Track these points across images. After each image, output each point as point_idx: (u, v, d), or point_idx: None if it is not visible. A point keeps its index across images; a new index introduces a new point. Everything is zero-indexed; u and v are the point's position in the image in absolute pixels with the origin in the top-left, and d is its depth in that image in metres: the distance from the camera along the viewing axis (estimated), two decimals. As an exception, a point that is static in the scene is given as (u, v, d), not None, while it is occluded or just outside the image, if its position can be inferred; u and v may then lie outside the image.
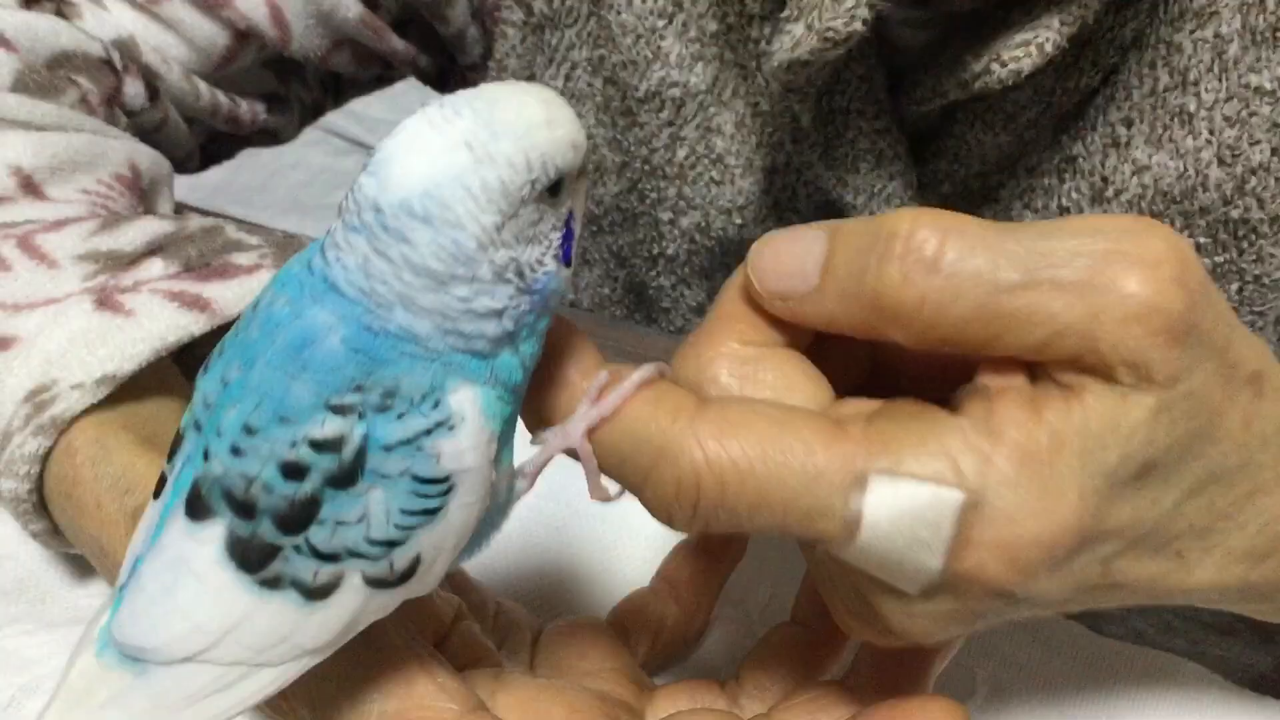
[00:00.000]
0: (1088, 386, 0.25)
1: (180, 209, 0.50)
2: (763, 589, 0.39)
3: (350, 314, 0.25)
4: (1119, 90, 0.46)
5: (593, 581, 0.40)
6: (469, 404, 0.25)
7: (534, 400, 0.28)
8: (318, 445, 0.25)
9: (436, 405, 0.25)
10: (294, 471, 0.25)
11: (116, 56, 0.48)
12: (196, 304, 0.38)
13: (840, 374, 0.29)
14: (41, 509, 0.38)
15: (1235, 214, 0.45)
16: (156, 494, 0.28)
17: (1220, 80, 0.44)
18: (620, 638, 0.36)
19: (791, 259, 0.27)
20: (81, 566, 0.41)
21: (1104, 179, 0.47)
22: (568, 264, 0.26)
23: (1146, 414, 0.25)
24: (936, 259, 0.25)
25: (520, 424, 0.28)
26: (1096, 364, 0.25)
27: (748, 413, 0.26)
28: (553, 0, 0.53)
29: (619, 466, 0.27)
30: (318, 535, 0.25)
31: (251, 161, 0.61)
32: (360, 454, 0.25)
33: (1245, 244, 0.46)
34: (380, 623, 0.28)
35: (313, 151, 0.64)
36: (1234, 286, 0.47)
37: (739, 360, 0.28)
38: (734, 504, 0.25)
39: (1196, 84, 0.44)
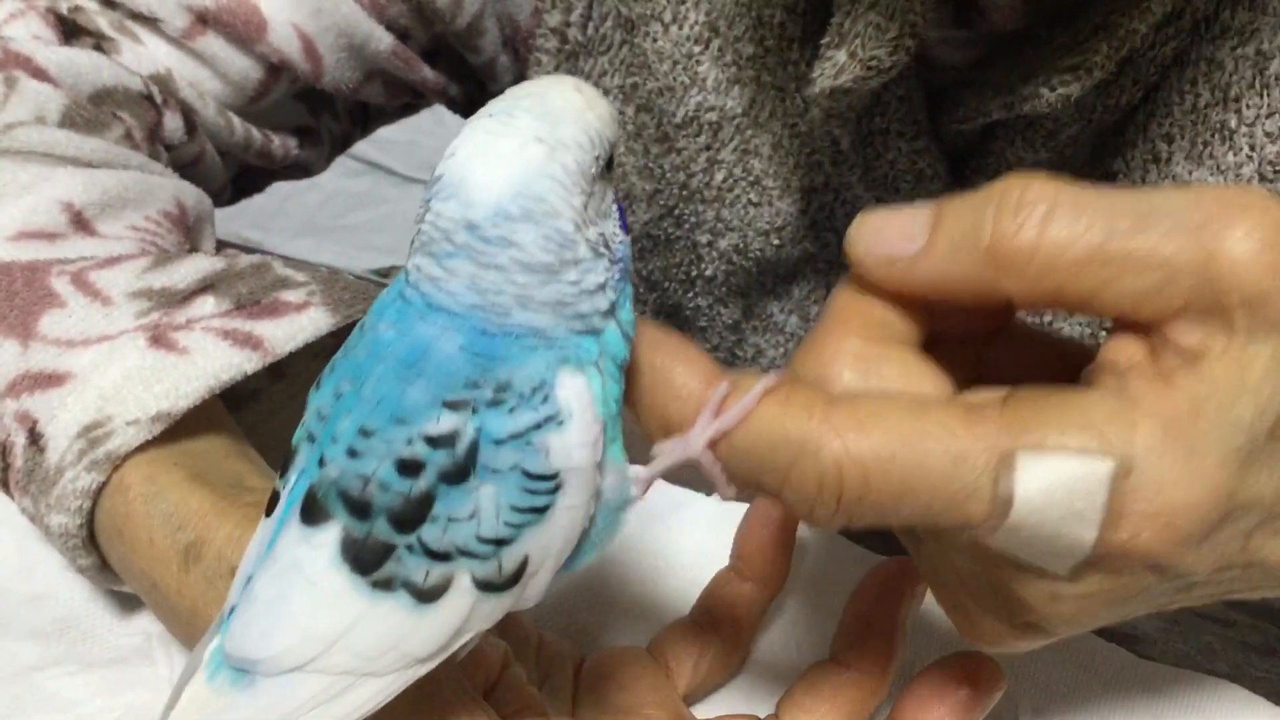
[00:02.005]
0: (1209, 347, 0.26)
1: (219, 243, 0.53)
2: (803, 618, 0.41)
3: (464, 325, 0.27)
4: (1159, 107, 0.47)
5: (633, 611, 0.42)
6: (578, 397, 0.27)
7: (654, 410, 0.30)
8: (433, 441, 0.27)
9: (546, 399, 0.27)
10: (410, 468, 0.27)
11: (155, 91, 0.50)
12: (249, 342, 0.40)
13: (950, 377, 0.30)
14: (91, 544, 0.40)
15: None
16: (269, 511, 0.30)
17: (1261, 96, 0.45)
18: (661, 669, 0.38)
19: (897, 224, 0.29)
20: (122, 604, 0.43)
21: None
22: (627, 231, 0.29)
23: (1269, 362, 0.26)
24: (1052, 209, 0.27)
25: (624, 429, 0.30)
26: (1213, 306, 0.26)
27: (882, 404, 0.28)
28: (587, 28, 0.55)
29: (755, 470, 0.28)
30: (430, 533, 0.27)
31: (267, 183, 0.64)
32: (473, 449, 0.27)
33: None
34: (432, 674, 0.30)
35: (327, 173, 0.66)
36: None
37: (859, 358, 0.29)
38: (878, 495, 0.27)
39: (1237, 100, 0.46)
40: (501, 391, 0.27)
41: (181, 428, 0.39)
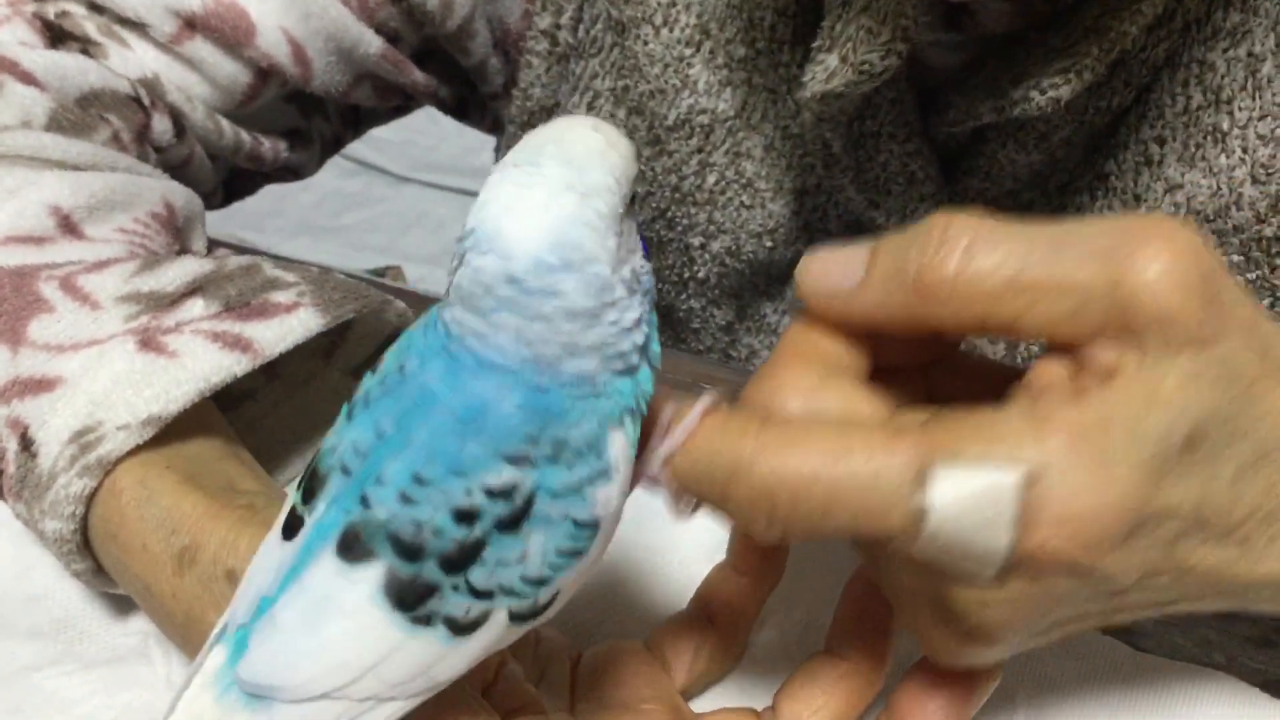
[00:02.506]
0: (1123, 365, 0.28)
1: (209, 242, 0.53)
2: (799, 612, 0.41)
3: (518, 381, 0.28)
4: (1152, 109, 0.48)
5: (630, 606, 0.42)
6: (621, 450, 0.29)
7: None
8: (492, 493, 0.28)
9: (600, 456, 0.29)
10: (466, 517, 0.28)
11: (143, 93, 0.50)
12: (238, 344, 0.40)
13: (900, 405, 0.32)
14: (85, 549, 0.40)
15: (1269, 232, 0.47)
16: (288, 533, 0.30)
17: (1253, 98, 0.46)
18: (658, 664, 0.38)
19: (837, 261, 0.31)
20: (119, 605, 0.43)
21: (1136, 197, 0.49)
22: (649, 257, 0.30)
23: (1181, 377, 0.28)
24: (972, 242, 0.29)
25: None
26: (1125, 328, 0.28)
27: (809, 427, 0.30)
28: (577, 30, 0.55)
29: (698, 487, 0.31)
30: (477, 575, 0.28)
31: (260, 183, 0.65)
32: (530, 499, 0.28)
33: (1278, 261, 0.48)
34: None
35: (321, 173, 0.67)
36: (1266, 302, 0.49)
37: (804, 389, 0.32)
38: (807, 509, 0.29)
39: (1229, 102, 0.46)
40: (560, 449, 0.28)
41: (173, 431, 0.39)
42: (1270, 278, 0.48)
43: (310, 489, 0.30)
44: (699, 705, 0.38)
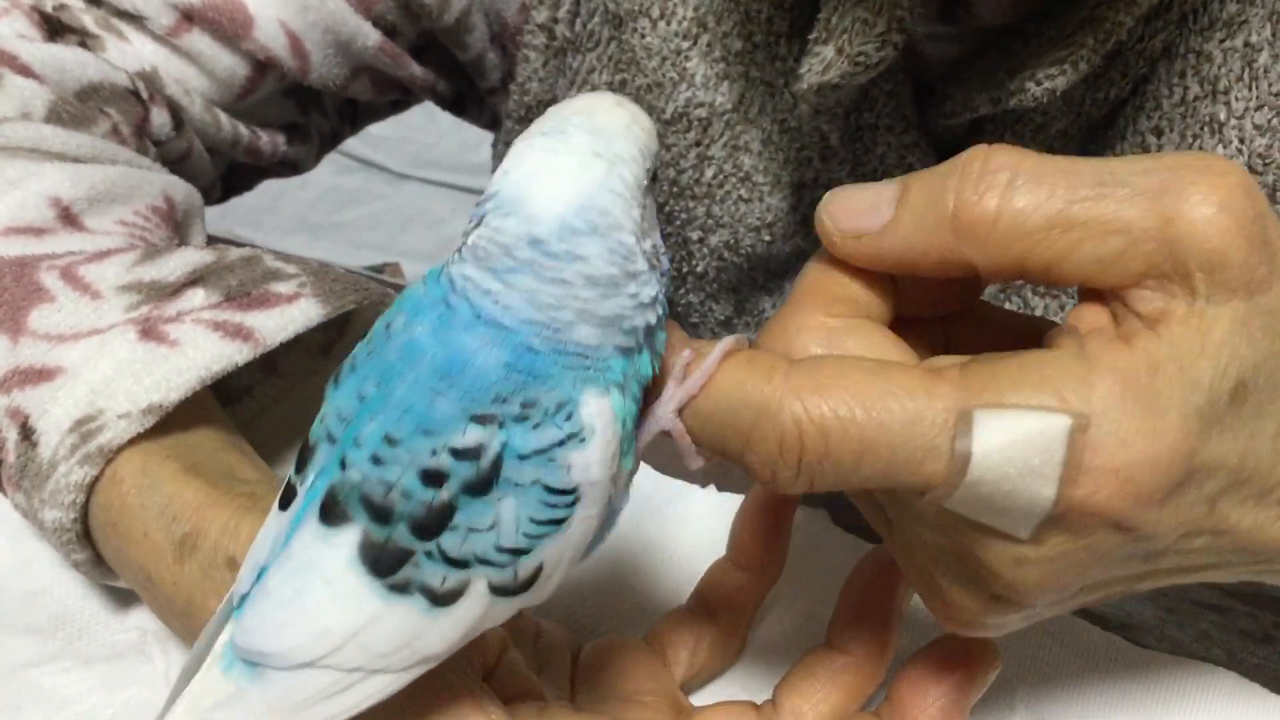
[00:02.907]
0: (1170, 311, 0.27)
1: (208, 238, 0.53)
2: (800, 605, 0.41)
3: (512, 340, 0.27)
4: (1148, 100, 0.48)
5: (631, 601, 0.42)
6: (600, 415, 0.28)
7: None
8: (458, 453, 0.27)
9: (569, 417, 0.27)
10: (433, 478, 0.27)
11: (142, 87, 0.50)
12: (239, 333, 0.40)
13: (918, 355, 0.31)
14: (85, 538, 0.40)
15: None
16: (284, 505, 0.30)
17: (1250, 89, 0.46)
18: (658, 658, 0.38)
19: (864, 198, 0.30)
20: (118, 599, 0.43)
21: None
22: (665, 241, 0.30)
23: (1230, 325, 0.26)
24: (1013, 176, 0.27)
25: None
26: (1174, 270, 0.27)
27: (843, 365, 0.28)
28: (574, 24, 0.55)
29: (718, 436, 0.29)
30: (449, 541, 0.28)
31: (258, 181, 0.65)
32: (497, 462, 0.27)
33: None
34: None
35: (319, 170, 0.67)
36: None
37: (825, 331, 0.30)
38: (839, 455, 0.27)
39: (1226, 93, 0.46)
40: (528, 408, 0.27)
41: (174, 420, 0.39)
42: None
43: (301, 459, 0.30)
44: (699, 699, 0.38)
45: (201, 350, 0.39)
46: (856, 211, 0.30)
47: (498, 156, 0.63)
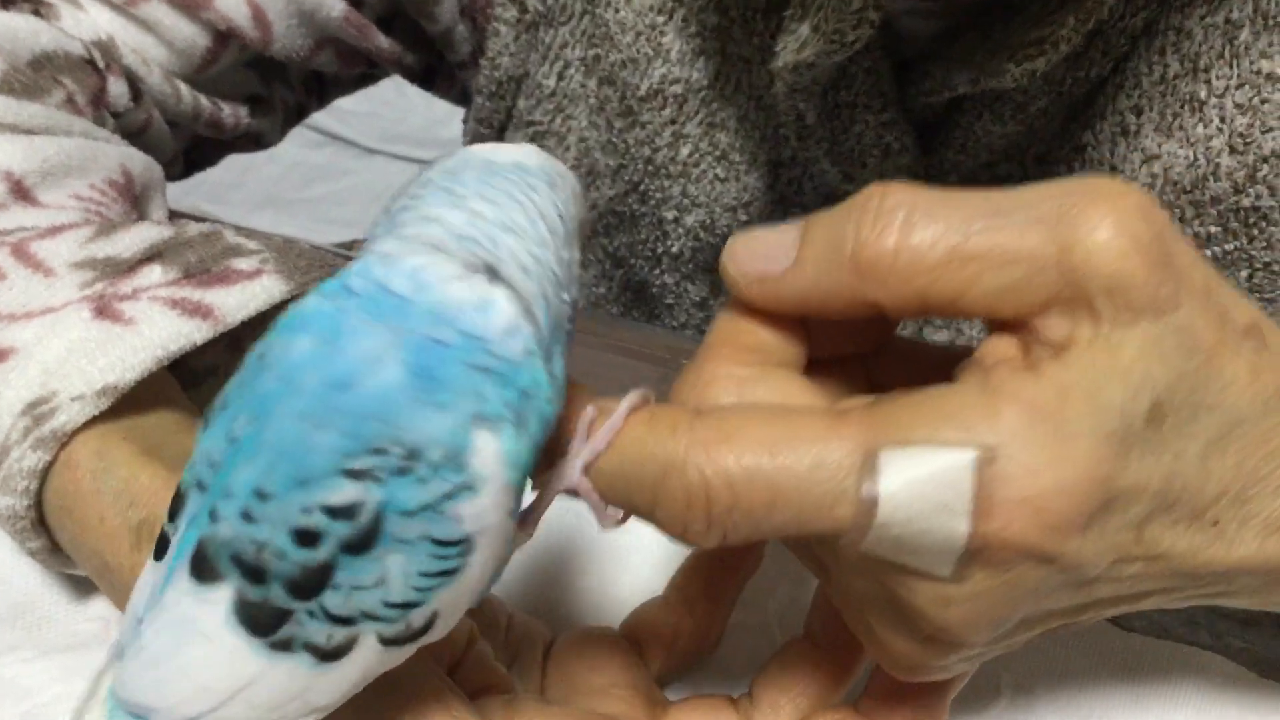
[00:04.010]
0: (1076, 337, 0.26)
1: (170, 214, 0.51)
2: (780, 594, 0.41)
3: (413, 326, 0.25)
4: (1129, 78, 0.47)
5: (606, 590, 0.41)
6: (492, 461, 0.26)
7: None
8: (333, 511, 0.25)
9: (460, 469, 0.25)
10: (307, 538, 0.25)
11: (98, 56, 0.48)
12: (198, 311, 0.38)
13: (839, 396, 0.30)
14: (40, 526, 0.38)
15: (1246, 202, 0.46)
16: (159, 555, 0.28)
17: (1231, 66, 0.45)
18: (633, 650, 0.37)
19: (767, 243, 0.29)
20: (79, 588, 0.41)
21: (1114, 168, 0.48)
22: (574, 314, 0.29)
23: (1139, 347, 0.26)
24: (910, 212, 0.26)
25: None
26: (1076, 296, 0.26)
27: (746, 415, 0.27)
28: None
29: (626, 493, 0.28)
30: (332, 600, 0.26)
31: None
32: (377, 520, 0.25)
33: (1256, 231, 0.47)
34: None
35: (286, 145, 0.65)
36: (1244, 274, 0.48)
37: (735, 382, 0.29)
38: (747, 506, 0.26)
39: (1207, 71, 0.45)
40: (411, 459, 0.25)
41: (130, 402, 0.38)
42: (1248, 248, 0.47)
43: (173, 507, 0.28)
44: (675, 691, 0.37)
45: (158, 329, 0.38)
46: (759, 255, 0.29)
47: (469, 133, 0.61)
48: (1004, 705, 0.38)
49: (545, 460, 0.28)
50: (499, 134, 0.60)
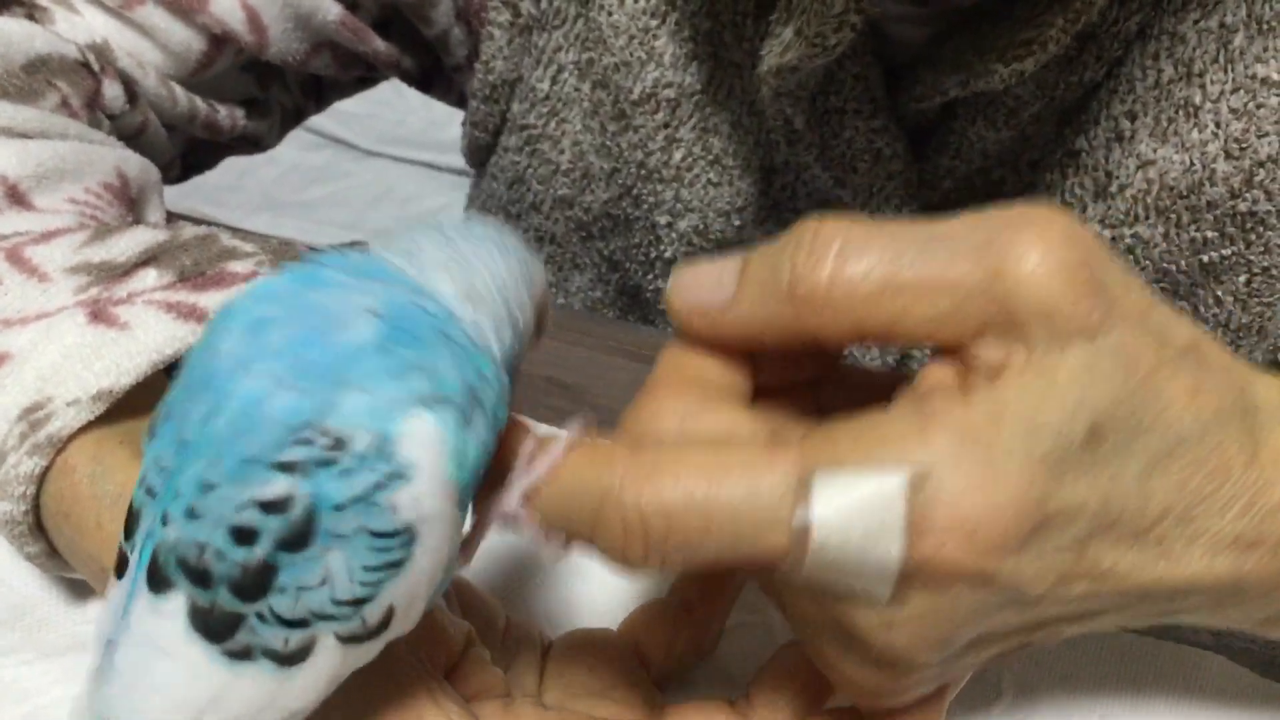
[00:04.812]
0: (1010, 363, 0.26)
1: (168, 217, 0.50)
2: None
3: (389, 293, 0.26)
4: (1122, 83, 0.47)
5: (603, 593, 0.40)
6: (425, 447, 0.25)
7: None
8: (266, 506, 0.24)
9: (387, 457, 0.25)
10: (244, 536, 0.25)
11: (92, 59, 0.48)
12: (194, 314, 0.38)
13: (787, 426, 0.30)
14: (38, 530, 0.38)
15: (1243, 207, 0.46)
16: (120, 573, 0.28)
17: (1226, 71, 0.44)
18: (631, 652, 0.36)
19: (709, 274, 0.29)
20: (79, 590, 0.41)
21: (1108, 174, 0.48)
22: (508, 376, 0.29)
23: (1075, 369, 0.26)
24: (844, 244, 0.27)
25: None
26: (1008, 323, 0.26)
27: (682, 449, 0.27)
28: (540, 1, 0.53)
29: (566, 523, 0.28)
30: (280, 603, 0.25)
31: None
32: (310, 515, 0.25)
33: (1253, 236, 0.47)
34: (392, 654, 0.29)
35: (285, 147, 0.64)
36: (1241, 278, 0.48)
37: (680, 414, 0.29)
38: (683, 535, 0.26)
39: (1201, 75, 0.45)
40: (336, 450, 0.25)
41: (126, 406, 0.37)
42: (1245, 254, 0.47)
43: (128, 523, 0.27)
44: (672, 694, 0.37)
45: (153, 333, 0.37)
46: (701, 288, 0.29)
47: (468, 137, 0.60)
48: (1005, 705, 0.37)
49: (485, 489, 0.29)
50: (494, 137, 0.59)
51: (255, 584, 0.25)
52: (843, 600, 0.27)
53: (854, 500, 0.25)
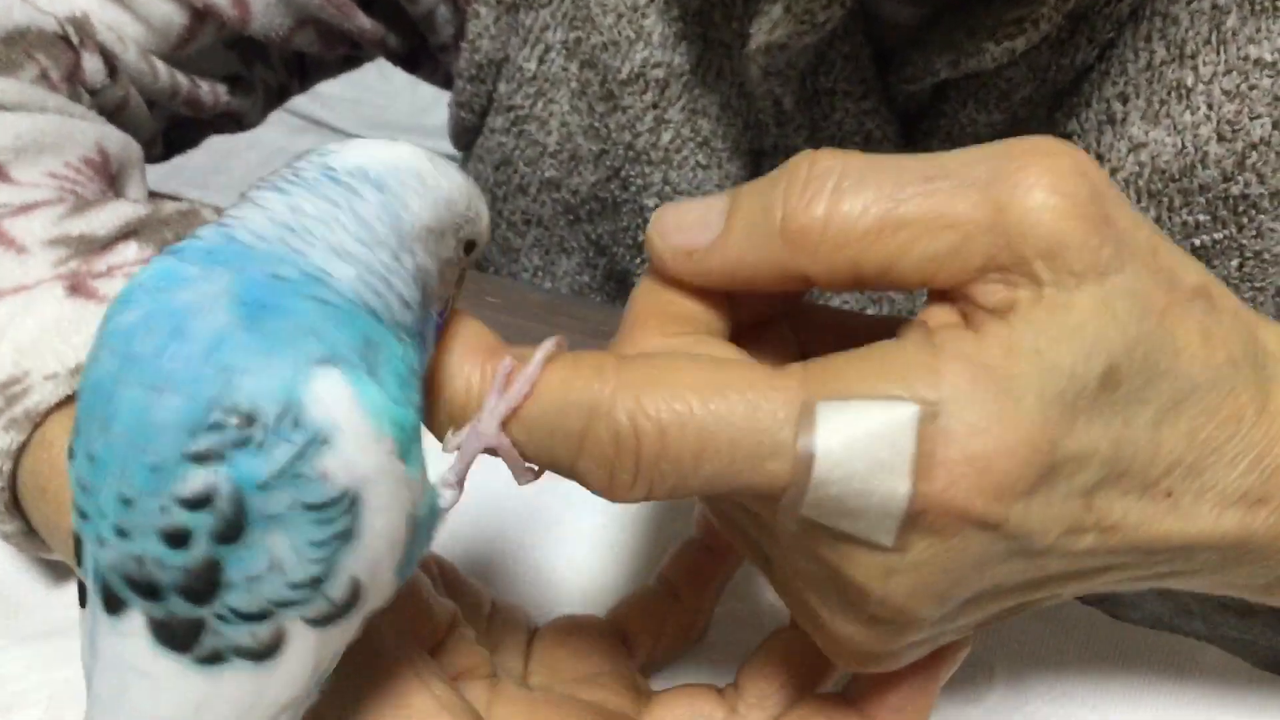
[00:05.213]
0: (1017, 300, 0.25)
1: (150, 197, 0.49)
2: (763, 587, 0.39)
3: (250, 267, 0.24)
4: (1114, 65, 0.46)
5: (591, 579, 0.40)
6: (337, 406, 0.24)
7: (433, 403, 0.27)
8: (189, 503, 0.23)
9: (300, 424, 0.23)
10: (177, 539, 0.23)
11: (71, 32, 0.47)
12: None
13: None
14: (14, 508, 0.37)
15: (1235, 190, 0.45)
16: (83, 604, 0.26)
17: (1218, 53, 0.44)
18: (618, 639, 0.36)
19: (694, 212, 0.27)
20: (54, 574, 0.40)
21: (1099, 156, 0.47)
22: (436, 339, 0.27)
23: (1089, 309, 0.24)
24: (840, 179, 0.25)
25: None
26: (1013, 261, 0.24)
27: (677, 359, 0.26)
28: None
29: (548, 444, 0.26)
30: (235, 598, 0.24)
31: (206, 141, 0.61)
32: (238, 500, 0.23)
33: (1245, 219, 0.46)
34: (375, 632, 0.28)
35: (269, 130, 0.63)
36: (1234, 262, 0.47)
37: (668, 349, 0.28)
38: (677, 452, 0.25)
39: (1194, 57, 0.44)
40: (247, 426, 0.23)
41: None
42: (1238, 237, 0.46)
43: (77, 552, 0.26)
44: (660, 681, 0.36)
45: None
46: (685, 227, 0.27)
47: (453, 118, 0.59)
48: (998, 696, 0.37)
49: (454, 415, 0.27)
50: (480, 118, 0.58)
51: (204, 585, 0.24)
52: (843, 545, 0.25)
53: (861, 430, 0.24)
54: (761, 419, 0.24)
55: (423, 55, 0.60)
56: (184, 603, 0.24)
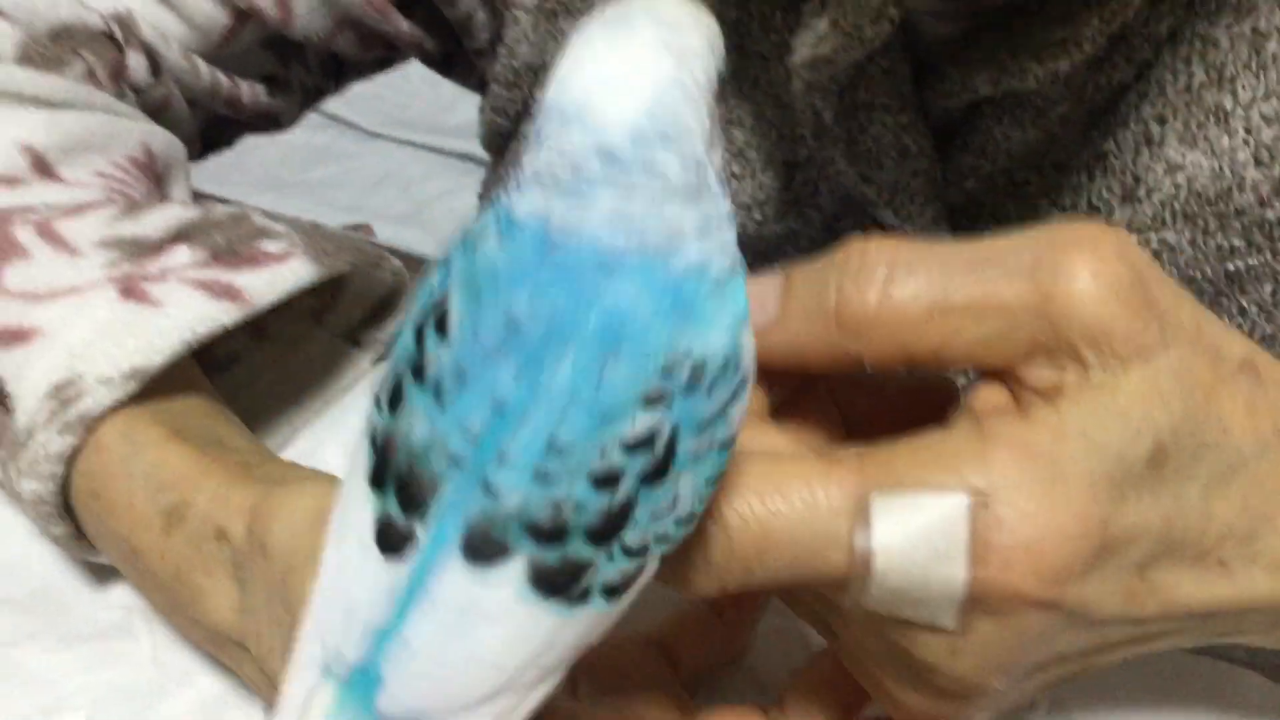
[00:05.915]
0: (1064, 383, 0.25)
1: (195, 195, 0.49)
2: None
3: (649, 278, 0.23)
4: (1153, 86, 0.46)
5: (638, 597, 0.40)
6: (751, 355, 0.25)
7: None
8: (631, 447, 0.23)
9: (736, 369, 0.24)
10: (607, 481, 0.23)
11: (116, 29, 0.47)
12: (226, 293, 0.37)
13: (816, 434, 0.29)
14: (65, 511, 0.37)
15: (1271, 215, 0.45)
16: (394, 552, 0.24)
17: (1258, 77, 0.44)
18: (663, 654, 0.35)
19: (750, 295, 0.27)
20: (101, 576, 0.40)
21: (1135, 178, 0.47)
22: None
23: (1136, 391, 0.25)
24: (891, 268, 0.26)
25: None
26: (1059, 345, 0.25)
27: (736, 460, 0.26)
28: None
29: None
30: (630, 536, 0.24)
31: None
32: (672, 443, 0.23)
33: None
34: None
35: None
36: (1267, 289, 0.47)
37: None
38: (741, 553, 0.26)
39: (1233, 80, 0.44)
40: (698, 372, 0.23)
41: (158, 385, 0.36)
42: (1273, 263, 0.46)
43: (412, 496, 0.24)
44: (703, 697, 0.36)
45: (186, 310, 0.36)
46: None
47: (484, 123, 0.59)
48: (1041, 718, 0.36)
49: None
50: (515, 123, 0.58)
51: (612, 526, 0.23)
52: (906, 629, 0.26)
53: (914, 523, 0.25)
54: (818, 514, 0.25)
55: (458, 59, 0.60)
56: (585, 545, 0.23)
